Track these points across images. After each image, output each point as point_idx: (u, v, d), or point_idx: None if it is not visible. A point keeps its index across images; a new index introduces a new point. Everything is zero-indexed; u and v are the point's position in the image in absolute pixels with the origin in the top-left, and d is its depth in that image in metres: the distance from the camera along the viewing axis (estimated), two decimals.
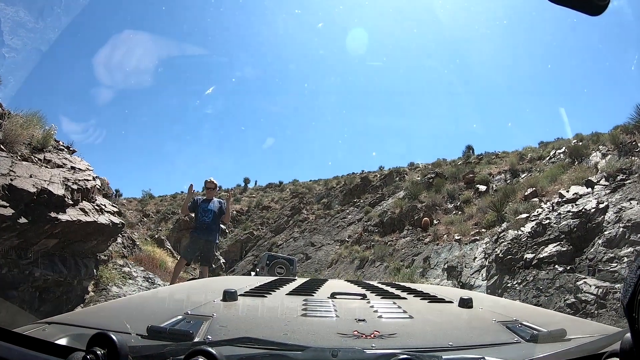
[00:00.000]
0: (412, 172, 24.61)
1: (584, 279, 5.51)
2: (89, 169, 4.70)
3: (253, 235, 24.77)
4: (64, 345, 0.87)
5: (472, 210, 14.45)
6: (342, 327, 1.15)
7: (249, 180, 36.28)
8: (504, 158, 21.87)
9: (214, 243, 6.05)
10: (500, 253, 6.97)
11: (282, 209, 27.21)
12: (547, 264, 6.08)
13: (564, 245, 6.24)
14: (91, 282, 4.78)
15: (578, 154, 14.59)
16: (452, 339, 1.09)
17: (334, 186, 27.54)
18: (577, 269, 5.85)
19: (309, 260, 18.93)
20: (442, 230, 13.65)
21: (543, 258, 6.18)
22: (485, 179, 17.60)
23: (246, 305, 1.47)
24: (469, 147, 26.35)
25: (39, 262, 3.99)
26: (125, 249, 10.09)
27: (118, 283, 5.09)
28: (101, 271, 5.10)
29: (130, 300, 1.88)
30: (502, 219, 11.51)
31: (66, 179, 4.01)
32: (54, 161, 4.43)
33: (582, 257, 6.03)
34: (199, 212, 5.90)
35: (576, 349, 0.96)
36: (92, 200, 4.42)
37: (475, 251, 9.62)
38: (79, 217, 3.84)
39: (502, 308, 1.76)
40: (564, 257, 6.07)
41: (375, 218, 18.47)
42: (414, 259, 12.58)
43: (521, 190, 13.28)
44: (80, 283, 4.57)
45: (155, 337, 0.96)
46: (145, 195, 33.90)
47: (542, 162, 17.64)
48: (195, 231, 6.01)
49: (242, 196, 32.26)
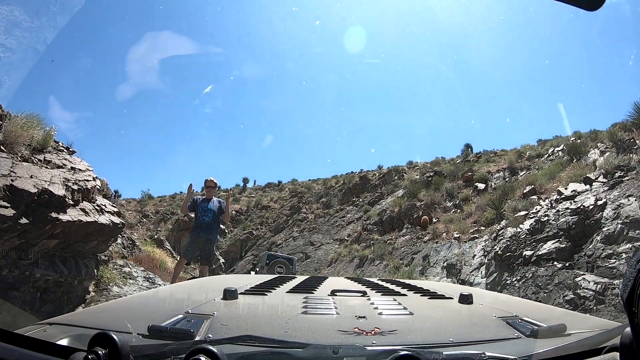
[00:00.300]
0: (411, 170, 24.63)
1: (582, 275, 5.54)
2: (88, 170, 4.70)
3: (252, 235, 24.78)
4: (65, 345, 0.87)
5: (471, 209, 14.48)
6: (343, 324, 1.15)
7: (248, 180, 36.30)
8: (503, 156, 21.90)
9: (214, 242, 6.06)
10: (500, 250, 7.01)
11: (281, 208, 27.23)
12: (546, 261, 6.11)
13: (563, 242, 6.27)
14: (92, 282, 4.79)
15: (576, 151, 14.60)
16: (452, 335, 1.10)
17: (332, 185, 27.56)
18: (576, 265, 5.88)
19: (309, 259, 18.95)
20: (441, 229, 13.68)
21: (542, 255, 6.22)
22: (484, 177, 17.64)
23: (247, 303, 1.48)
24: (467, 146, 26.40)
25: (40, 262, 4.00)
26: (125, 249, 10.10)
27: (119, 283, 5.10)
28: (102, 271, 5.11)
29: (131, 300, 1.89)
30: (501, 216, 11.54)
31: (66, 179, 4.02)
32: (54, 162, 4.43)
33: (581, 253, 6.07)
34: (198, 211, 5.91)
35: (576, 344, 0.96)
36: (93, 201, 4.43)
37: (475, 249, 9.66)
38: (80, 217, 3.84)
39: (502, 304, 1.76)
40: (562, 254, 6.11)
41: (374, 217, 18.50)
42: (413, 257, 12.61)
43: (520, 188, 13.30)
44: (81, 283, 4.58)
45: (156, 336, 0.97)
46: (144, 196, 33.85)
47: (540, 160, 17.69)
48: (195, 230, 6.01)
49: (241, 196, 32.25)
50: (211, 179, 6.22)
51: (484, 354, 0.91)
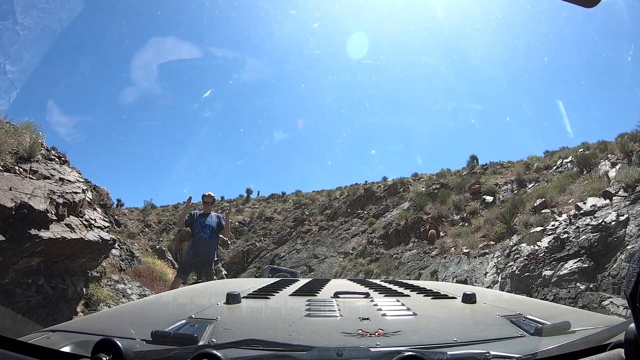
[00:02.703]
0: (416, 182, 24.29)
1: (609, 297, 5.13)
2: (79, 181, 4.40)
3: (255, 247, 24.35)
4: (69, 352, 0.87)
5: (480, 222, 14.11)
6: (346, 326, 1.14)
7: (251, 190, 36.02)
8: (510, 168, 21.64)
9: (212, 261, 5.70)
10: (517, 270, 6.59)
11: (284, 220, 26.84)
12: (567, 282, 5.70)
13: (585, 262, 5.86)
14: (80, 303, 4.44)
15: (586, 163, 14.32)
16: (456, 334, 1.09)
17: (337, 197, 27.19)
18: (601, 287, 5.46)
19: (312, 272, 18.50)
20: (449, 243, 13.26)
21: (563, 275, 5.80)
22: (491, 190, 17.28)
23: (250, 307, 1.47)
24: (473, 157, 26.20)
25: (22, 282, 3.67)
26: (124, 261, 9.76)
27: (110, 302, 4.74)
28: (92, 289, 4.76)
29: (134, 306, 1.86)
30: (512, 231, 11.15)
31: (52, 191, 3.71)
32: (41, 172, 4.14)
33: (605, 273, 5.66)
34: (196, 227, 5.57)
35: (581, 341, 0.95)
36: (80, 215, 4.11)
37: (486, 265, 9.23)
38: (64, 234, 3.52)
39: (506, 302, 1.75)
40: (585, 274, 5.70)
41: (379, 230, 18.08)
42: (420, 272, 12.17)
43: (530, 201, 12.98)
44: (68, 303, 4.24)
45: (159, 341, 0.96)
46: (147, 205, 33.56)
47: (549, 171, 17.37)
48: (192, 248, 5.64)
49: (244, 207, 31.93)
50: (209, 193, 5.88)
51: (489, 353, 0.90)
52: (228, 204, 8.09)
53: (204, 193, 5.86)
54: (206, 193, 5.87)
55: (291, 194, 34.09)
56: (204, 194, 5.87)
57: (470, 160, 26.05)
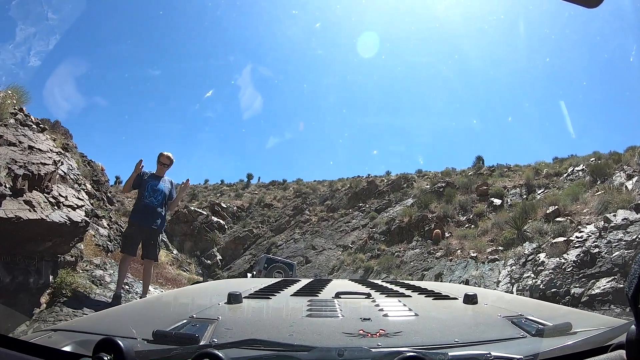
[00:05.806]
0: (420, 179, 23.66)
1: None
2: (51, 151, 3.73)
3: (252, 233, 23.78)
4: (70, 351, 0.87)
5: (487, 225, 13.57)
6: (348, 327, 1.13)
7: (252, 176, 35.33)
8: (517, 171, 21.13)
9: (160, 231, 4.82)
10: (542, 284, 5.97)
11: (284, 208, 26.22)
12: (600, 303, 5.09)
13: (619, 281, 5.25)
14: (45, 292, 3.81)
15: (600, 172, 13.79)
16: (457, 335, 1.08)
17: (338, 188, 26.56)
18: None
19: (309, 264, 17.97)
20: (455, 245, 12.68)
21: (595, 295, 5.19)
22: (500, 192, 16.71)
23: (251, 307, 1.47)
24: (479, 158, 25.62)
25: None
26: (112, 241, 9.14)
27: (80, 292, 4.09)
28: (62, 276, 4.12)
29: (135, 305, 1.89)
30: (524, 237, 10.58)
31: (13, 160, 3.06)
32: (6, 137, 3.48)
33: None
34: (146, 189, 4.59)
35: (582, 342, 0.94)
36: (47, 191, 3.46)
37: (497, 272, 8.63)
38: (19, 212, 2.87)
39: (507, 303, 1.72)
40: (620, 296, 5.08)
41: (381, 225, 17.48)
42: (424, 273, 11.60)
43: (541, 208, 12.43)
44: (29, 294, 3.62)
45: (161, 341, 0.95)
46: None
47: (559, 178, 16.82)
48: (137, 215, 4.64)
49: (244, 192, 31.32)
50: (168, 154, 4.84)
51: (490, 354, 0.89)
52: (188, 179, 6.70)
53: (161, 152, 4.86)
54: (165, 153, 4.86)
55: (292, 182, 33.46)
56: (161, 152, 4.85)
57: (476, 160, 25.52)
